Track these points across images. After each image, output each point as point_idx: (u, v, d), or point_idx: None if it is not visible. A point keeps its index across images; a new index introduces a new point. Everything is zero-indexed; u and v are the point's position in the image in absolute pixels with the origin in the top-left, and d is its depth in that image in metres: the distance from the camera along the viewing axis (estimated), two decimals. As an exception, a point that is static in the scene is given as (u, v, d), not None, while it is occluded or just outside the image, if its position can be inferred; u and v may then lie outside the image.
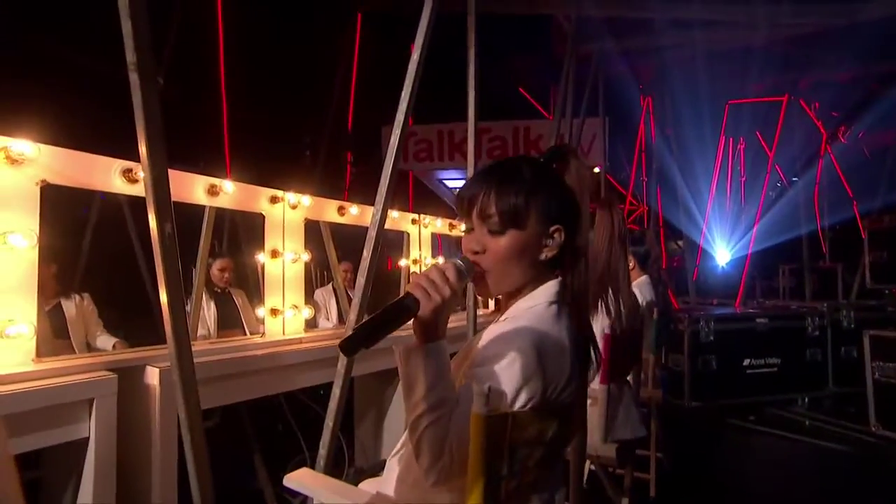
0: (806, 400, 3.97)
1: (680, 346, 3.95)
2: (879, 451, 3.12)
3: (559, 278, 0.86)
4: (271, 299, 2.29)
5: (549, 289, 0.85)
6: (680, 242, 6.93)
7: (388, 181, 1.81)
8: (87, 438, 1.54)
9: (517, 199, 0.81)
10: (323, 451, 1.79)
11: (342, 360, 1.79)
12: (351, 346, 0.70)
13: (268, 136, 4.64)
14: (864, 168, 6.20)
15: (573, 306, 0.85)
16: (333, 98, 4.65)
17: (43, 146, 1.55)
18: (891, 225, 4.49)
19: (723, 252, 7.03)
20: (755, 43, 4.15)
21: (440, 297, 0.76)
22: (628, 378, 2.03)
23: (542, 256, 0.84)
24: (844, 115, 6.10)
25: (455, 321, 2.81)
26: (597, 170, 4.62)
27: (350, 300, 3.08)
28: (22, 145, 1.50)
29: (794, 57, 4.65)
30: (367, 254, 1.80)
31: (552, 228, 0.84)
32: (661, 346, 3.14)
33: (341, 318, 3.29)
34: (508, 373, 0.74)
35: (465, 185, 0.88)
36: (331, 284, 3.33)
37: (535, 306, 0.83)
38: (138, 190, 1.75)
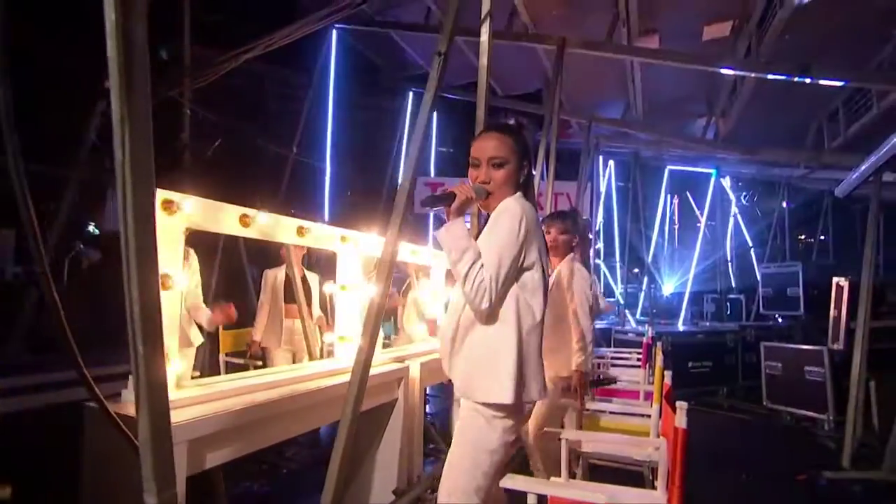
0: (725, 390, 5.87)
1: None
2: (769, 418, 5.00)
3: (519, 193, 1.54)
4: (342, 327, 2.59)
5: (515, 198, 1.52)
6: (636, 270, 8.95)
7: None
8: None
9: (510, 146, 1.51)
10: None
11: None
12: (428, 202, 1.46)
13: (346, 186, 5.95)
14: (757, 224, 8.58)
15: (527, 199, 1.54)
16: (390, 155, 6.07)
17: (191, 197, 1.66)
18: (776, 270, 6.64)
19: (668, 285, 9.16)
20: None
21: (466, 196, 1.46)
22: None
23: (520, 180, 1.54)
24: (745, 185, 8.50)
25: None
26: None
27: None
28: (177, 197, 1.62)
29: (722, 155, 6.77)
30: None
31: (524, 164, 1.54)
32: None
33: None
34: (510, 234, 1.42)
35: (480, 140, 1.54)
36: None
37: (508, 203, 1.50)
38: (250, 233, 1.99)
